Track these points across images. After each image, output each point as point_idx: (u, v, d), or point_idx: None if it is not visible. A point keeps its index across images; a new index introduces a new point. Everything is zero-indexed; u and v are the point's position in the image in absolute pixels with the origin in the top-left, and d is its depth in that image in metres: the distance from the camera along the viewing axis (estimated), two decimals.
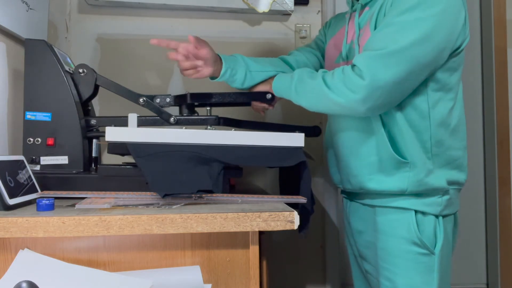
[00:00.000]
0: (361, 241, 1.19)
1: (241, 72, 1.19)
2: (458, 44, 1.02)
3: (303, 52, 1.34)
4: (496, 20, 1.98)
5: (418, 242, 1.03)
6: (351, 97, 0.97)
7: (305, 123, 1.33)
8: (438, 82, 1.03)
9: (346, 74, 0.99)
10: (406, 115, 1.03)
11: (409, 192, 1.04)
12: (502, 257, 1.96)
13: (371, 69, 0.95)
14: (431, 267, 1.04)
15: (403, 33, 0.95)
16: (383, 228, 1.08)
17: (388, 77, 0.95)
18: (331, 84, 1.01)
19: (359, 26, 1.11)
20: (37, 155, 1.07)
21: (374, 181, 1.07)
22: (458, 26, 1.00)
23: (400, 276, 1.05)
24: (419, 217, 1.05)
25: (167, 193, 0.90)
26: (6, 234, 0.74)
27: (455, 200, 1.11)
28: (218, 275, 0.83)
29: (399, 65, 0.95)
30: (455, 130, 1.07)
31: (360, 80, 0.96)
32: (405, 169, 1.03)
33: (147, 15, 1.72)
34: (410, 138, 1.03)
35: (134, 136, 0.98)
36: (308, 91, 1.06)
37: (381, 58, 0.95)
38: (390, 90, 0.96)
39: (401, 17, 0.96)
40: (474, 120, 2.03)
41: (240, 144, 1.00)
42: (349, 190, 1.18)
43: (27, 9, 1.25)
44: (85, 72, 1.16)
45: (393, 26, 0.97)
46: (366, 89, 0.95)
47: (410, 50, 0.95)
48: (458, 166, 1.08)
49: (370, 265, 1.16)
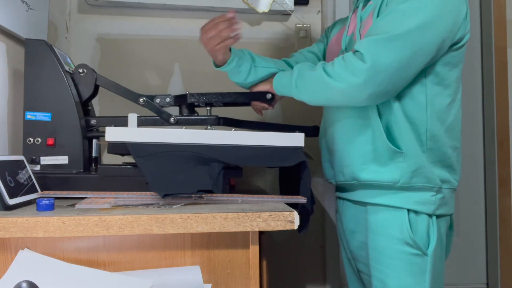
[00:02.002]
0: (354, 242, 1.18)
1: (246, 65, 1.20)
2: (458, 37, 1.02)
3: (304, 53, 1.35)
4: (496, 20, 1.98)
5: (411, 242, 1.02)
6: (353, 81, 0.97)
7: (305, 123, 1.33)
8: (437, 75, 1.03)
9: (347, 60, 0.99)
10: (403, 106, 1.03)
11: (402, 184, 1.02)
12: (502, 257, 1.96)
13: (372, 52, 0.95)
14: (423, 268, 1.02)
15: (406, 18, 0.96)
16: (374, 228, 1.07)
17: (390, 60, 0.95)
18: (331, 72, 1.01)
19: (361, 18, 1.11)
20: (37, 155, 1.07)
21: (367, 171, 1.06)
22: (460, 18, 1.01)
23: (391, 277, 1.03)
24: (412, 216, 1.03)
25: (167, 193, 0.90)
26: (6, 234, 0.74)
27: (450, 201, 1.09)
28: (218, 275, 0.83)
29: (401, 50, 0.95)
30: (450, 127, 1.07)
31: (362, 63, 0.95)
32: (399, 160, 1.02)
33: (147, 15, 1.72)
34: (406, 129, 1.02)
35: (134, 136, 0.98)
36: (308, 83, 1.06)
37: (383, 41, 0.95)
38: (391, 75, 0.96)
39: (404, 4, 0.97)
40: (474, 120, 2.03)
41: (240, 144, 1.00)
42: (341, 183, 1.16)
43: (27, 9, 1.25)
44: (85, 72, 1.16)
45: (396, 12, 0.98)
46: (368, 72, 0.95)
47: (412, 35, 0.95)
48: (449, 165, 1.07)
49: (363, 265, 1.15)
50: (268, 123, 1.36)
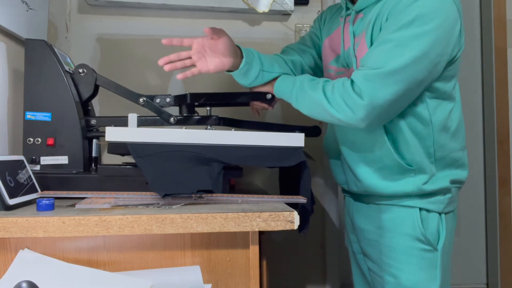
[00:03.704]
0: (364, 239, 1.19)
1: (255, 69, 1.16)
2: (453, 55, 1.02)
3: (299, 52, 1.32)
4: (496, 20, 1.98)
5: (422, 239, 1.06)
6: (351, 116, 0.99)
7: (305, 123, 1.33)
8: (435, 91, 1.04)
9: (346, 91, 0.99)
10: (409, 123, 1.05)
11: (414, 194, 1.07)
12: (502, 257, 1.96)
13: (369, 89, 0.96)
14: (434, 263, 1.07)
15: (400, 51, 0.95)
16: (388, 226, 1.10)
17: (386, 96, 0.96)
18: (331, 98, 1.02)
19: (354, 34, 1.11)
20: (37, 155, 1.08)
21: (381, 186, 1.09)
22: (454, 39, 1.00)
23: (404, 272, 1.07)
24: (424, 214, 1.07)
25: (167, 193, 0.90)
26: (6, 234, 0.74)
27: (456, 197, 1.14)
28: (218, 275, 0.83)
29: (397, 84, 0.95)
30: (455, 132, 1.09)
31: (359, 99, 0.97)
32: (410, 175, 1.06)
33: (147, 15, 1.72)
34: (414, 144, 1.05)
35: (134, 136, 0.98)
36: (308, 101, 1.07)
37: (379, 77, 0.96)
38: (388, 108, 0.98)
39: (398, 33, 0.96)
40: (474, 120, 2.03)
41: (240, 144, 1.00)
42: (354, 192, 1.19)
43: (27, 9, 1.25)
44: (85, 72, 1.16)
45: (390, 43, 0.97)
46: (366, 109, 0.97)
47: (408, 69, 0.95)
48: (460, 165, 1.12)
49: (373, 263, 1.17)
50: (268, 123, 1.35)
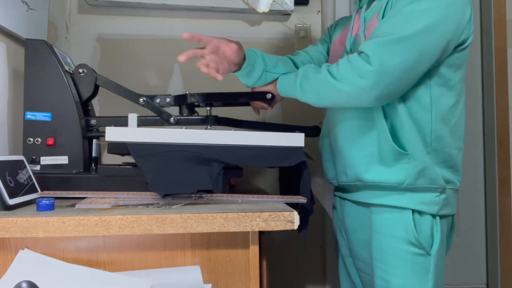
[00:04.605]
0: (356, 240, 1.18)
1: (258, 70, 1.17)
2: (462, 38, 1.02)
3: (308, 52, 1.34)
4: (496, 20, 1.98)
5: (415, 242, 1.02)
6: (359, 84, 0.96)
7: (305, 123, 1.33)
8: (441, 77, 1.03)
9: (352, 61, 0.98)
10: (408, 107, 1.03)
11: (406, 185, 1.02)
12: (502, 257, 1.96)
13: (378, 54, 0.94)
14: (426, 268, 1.03)
15: (411, 21, 0.96)
16: (379, 228, 1.07)
17: (396, 63, 0.94)
18: (337, 74, 1.00)
19: (365, 19, 1.11)
20: (37, 155, 1.08)
21: (372, 172, 1.05)
22: (464, 20, 1.00)
23: (395, 276, 1.04)
24: (416, 216, 1.04)
25: (167, 193, 0.90)
26: (6, 234, 0.74)
27: (452, 201, 1.10)
28: (218, 275, 0.83)
29: (406, 52, 0.94)
30: (454, 128, 1.07)
31: (368, 65, 0.95)
32: (404, 161, 1.02)
33: (147, 15, 1.72)
34: (411, 130, 1.02)
35: (134, 136, 0.98)
36: (314, 86, 1.06)
37: (388, 44, 0.95)
38: (397, 78, 0.96)
39: (409, 7, 0.97)
40: (474, 120, 2.03)
41: (240, 144, 1.00)
42: (343, 184, 1.16)
43: (27, 9, 1.25)
44: (85, 72, 1.16)
45: (401, 15, 0.97)
46: (374, 75, 0.94)
47: (417, 38, 0.95)
48: (453, 165, 1.08)
49: (364, 264, 1.15)
50: (268, 123, 1.35)
